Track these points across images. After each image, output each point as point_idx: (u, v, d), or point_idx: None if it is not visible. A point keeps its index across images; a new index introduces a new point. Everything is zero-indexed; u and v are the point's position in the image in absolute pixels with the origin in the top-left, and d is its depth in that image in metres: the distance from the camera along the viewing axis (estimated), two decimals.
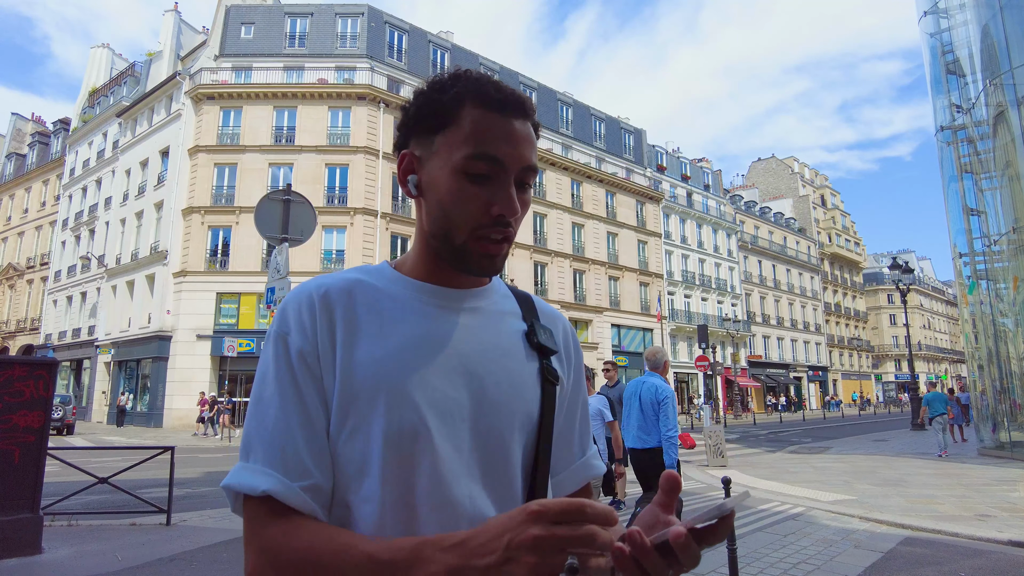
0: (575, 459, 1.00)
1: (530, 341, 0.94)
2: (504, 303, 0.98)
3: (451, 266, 0.90)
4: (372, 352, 0.82)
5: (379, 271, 0.93)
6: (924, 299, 78.64)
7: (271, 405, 0.80)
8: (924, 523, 7.31)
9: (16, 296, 40.98)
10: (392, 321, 0.86)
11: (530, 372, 0.91)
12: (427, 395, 0.81)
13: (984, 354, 16.99)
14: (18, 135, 47.94)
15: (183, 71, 30.39)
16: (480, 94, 0.88)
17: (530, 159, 0.88)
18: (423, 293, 0.90)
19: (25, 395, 5.83)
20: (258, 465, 0.77)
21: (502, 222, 0.86)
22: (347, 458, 0.80)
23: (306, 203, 7.70)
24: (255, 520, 0.76)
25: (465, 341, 0.88)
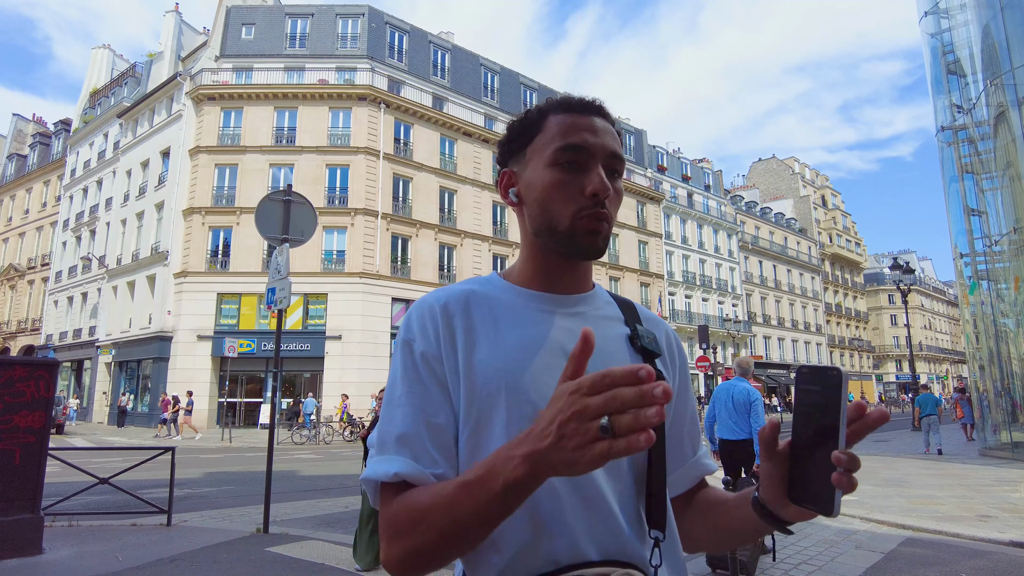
0: (687, 458, 1.06)
1: (633, 344, 1.00)
2: (607, 308, 1.04)
3: (561, 255, 0.97)
4: (490, 354, 0.90)
5: (490, 281, 1.01)
6: (925, 299, 78.59)
7: (400, 405, 0.88)
8: (925, 524, 7.31)
9: (17, 297, 41.01)
10: (506, 326, 0.93)
11: None
12: (541, 392, 0.87)
13: (985, 354, 16.98)
14: (19, 136, 47.99)
15: (184, 72, 30.41)
16: (561, 103, 1.00)
17: (613, 147, 0.96)
18: (531, 300, 0.97)
19: (26, 395, 5.83)
20: (389, 455, 0.85)
21: (598, 202, 0.93)
22: (472, 453, 0.87)
23: (307, 204, 7.71)
24: (387, 501, 0.84)
25: (572, 343, 0.91)
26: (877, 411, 0.70)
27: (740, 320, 47.86)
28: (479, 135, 33.39)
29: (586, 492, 0.86)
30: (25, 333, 38.68)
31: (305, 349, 26.43)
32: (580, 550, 0.84)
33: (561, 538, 0.84)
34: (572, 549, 0.84)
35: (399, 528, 0.80)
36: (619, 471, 0.90)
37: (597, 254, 0.96)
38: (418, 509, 0.79)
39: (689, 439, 1.07)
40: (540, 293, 0.98)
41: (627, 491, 0.90)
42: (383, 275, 28.07)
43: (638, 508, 0.91)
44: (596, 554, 0.85)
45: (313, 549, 6.05)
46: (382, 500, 0.85)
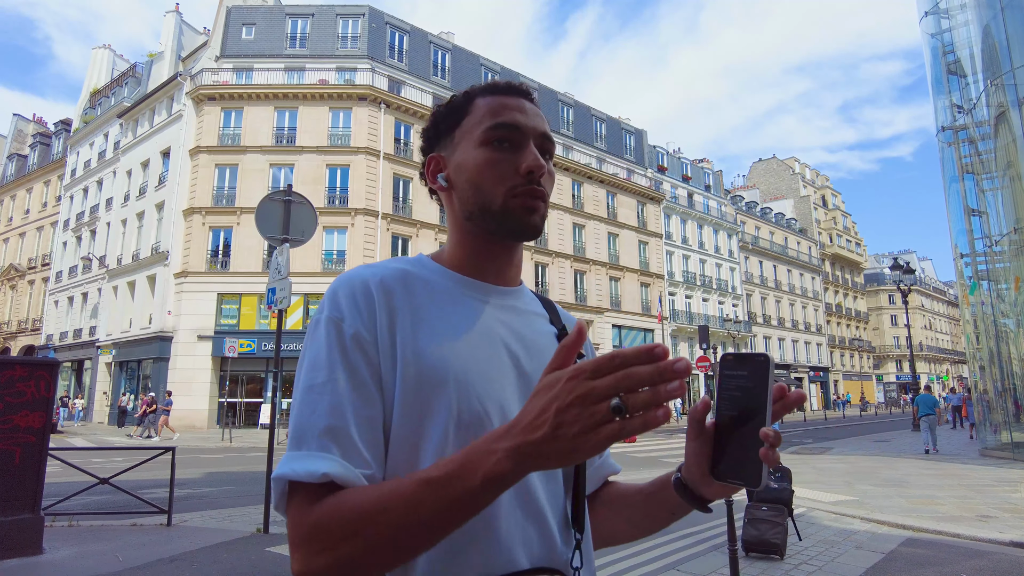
0: (594, 460, 1.04)
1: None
2: (533, 304, 1.01)
3: (495, 237, 0.93)
4: (436, 341, 0.83)
5: (420, 263, 0.94)
6: (925, 300, 78.57)
7: (324, 393, 0.77)
8: (925, 524, 7.31)
9: (17, 297, 41.02)
10: (447, 312, 0.87)
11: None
12: (488, 388, 0.84)
13: (986, 355, 16.99)
14: (19, 136, 48.00)
15: (184, 72, 30.41)
16: (487, 86, 0.97)
17: (544, 128, 0.94)
18: (467, 287, 0.92)
19: (26, 395, 5.83)
20: (313, 452, 0.73)
21: (533, 179, 0.90)
22: (409, 449, 0.80)
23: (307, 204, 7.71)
24: (308, 505, 0.71)
25: (512, 339, 0.91)
26: (796, 392, 0.72)
27: (740, 320, 47.86)
28: None
29: (523, 496, 0.82)
30: (25, 333, 38.69)
31: None
32: (512, 558, 0.79)
33: (493, 545, 0.78)
34: (503, 557, 0.79)
35: (331, 536, 0.68)
36: (554, 472, 0.88)
37: (534, 233, 0.92)
38: (362, 512, 0.67)
39: None
40: (472, 280, 0.93)
41: (558, 492, 0.88)
42: None
43: (566, 509, 0.89)
44: (527, 561, 0.80)
45: None
46: (298, 504, 0.72)
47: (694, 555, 6.03)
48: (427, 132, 1.00)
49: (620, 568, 5.63)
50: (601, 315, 37.70)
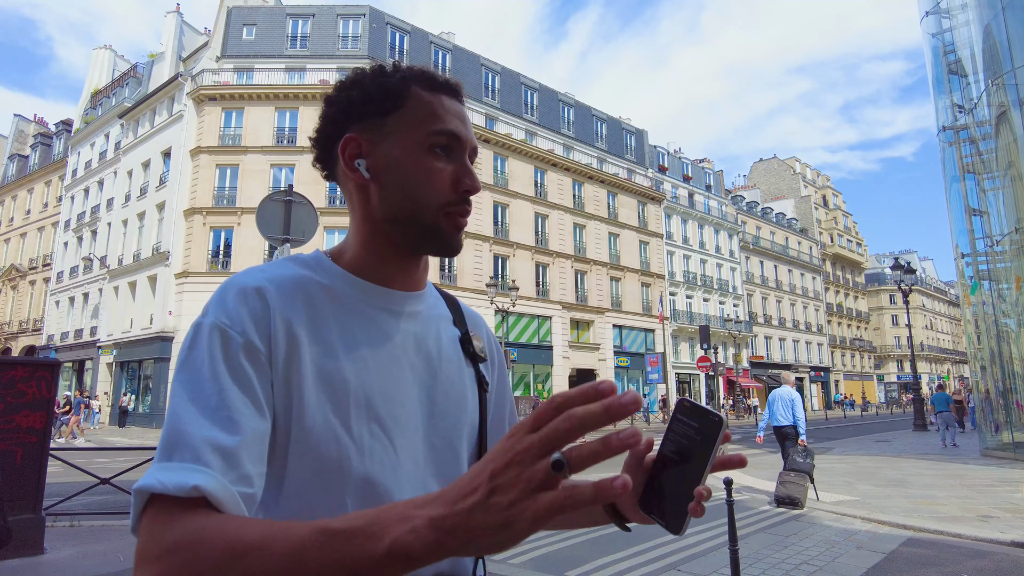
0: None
1: (465, 349, 0.94)
2: (438, 306, 0.96)
3: (415, 248, 0.87)
4: (336, 362, 0.77)
5: (319, 264, 0.86)
6: (926, 300, 78.51)
7: (206, 401, 0.68)
8: (926, 524, 7.30)
9: (18, 297, 41.04)
10: (350, 329, 0.81)
11: (468, 380, 0.92)
12: (389, 409, 0.80)
13: (987, 355, 16.97)
14: (20, 136, 48.04)
15: (185, 72, 30.43)
16: (426, 78, 0.89)
17: (475, 141, 0.90)
18: (370, 295, 0.85)
19: (27, 396, 5.84)
20: (186, 463, 0.63)
21: (466, 200, 0.86)
22: (302, 467, 0.74)
23: (308, 204, 7.71)
24: (168, 519, 0.60)
25: (414, 351, 0.86)
26: (736, 457, 0.70)
27: (741, 320, 47.84)
28: (480, 135, 33.36)
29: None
30: (26, 333, 38.71)
31: None
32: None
33: None
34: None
35: (197, 563, 0.55)
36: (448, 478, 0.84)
37: (456, 252, 0.88)
38: (238, 545, 0.55)
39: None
40: (376, 287, 0.86)
41: None
42: None
43: None
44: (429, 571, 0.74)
45: None
46: (158, 518, 0.60)
47: (695, 555, 6.03)
48: (347, 102, 0.89)
49: (620, 568, 5.63)
50: (602, 315, 37.69)
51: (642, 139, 45.46)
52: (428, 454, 0.84)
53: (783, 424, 9.67)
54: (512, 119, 36.33)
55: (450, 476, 0.84)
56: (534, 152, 35.76)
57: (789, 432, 9.57)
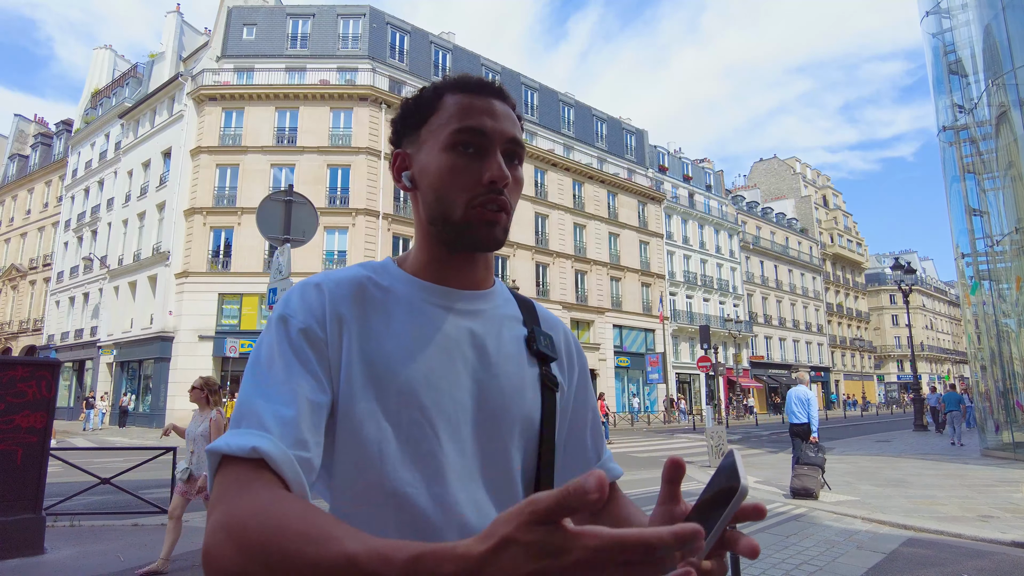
0: (591, 464, 1.01)
1: (530, 347, 0.94)
2: (506, 307, 0.97)
3: (456, 246, 0.90)
4: (381, 350, 0.82)
5: (384, 268, 0.92)
6: (926, 300, 78.50)
7: (268, 381, 0.76)
8: (927, 524, 7.30)
9: (19, 297, 41.05)
10: (399, 320, 0.86)
11: (530, 378, 0.92)
12: (434, 397, 0.82)
13: (987, 355, 16.96)
14: (21, 136, 48.05)
15: (185, 72, 30.43)
16: (457, 81, 0.93)
17: (513, 132, 0.90)
18: (428, 293, 0.90)
19: (28, 396, 5.84)
20: (251, 429, 0.71)
21: (495, 189, 0.87)
22: (354, 446, 0.80)
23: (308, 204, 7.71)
24: (230, 484, 0.66)
25: (468, 345, 0.88)
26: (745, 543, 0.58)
27: (741, 320, 47.83)
28: None
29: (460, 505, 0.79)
30: (27, 333, 38.73)
31: None
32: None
33: None
34: None
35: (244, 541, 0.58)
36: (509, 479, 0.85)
37: (494, 246, 0.89)
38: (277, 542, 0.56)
39: (592, 444, 1.01)
40: (435, 286, 0.90)
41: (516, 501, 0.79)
42: None
43: None
44: None
45: None
46: (228, 478, 0.67)
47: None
48: (395, 124, 0.97)
49: None
50: (602, 315, 37.69)
51: (642, 139, 45.45)
52: (476, 445, 0.85)
53: (799, 421, 10.18)
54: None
55: (496, 470, 0.85)
56: (534, 152, 35.76)
57: (803, 429, 10.06)
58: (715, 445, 12.85)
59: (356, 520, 0.78)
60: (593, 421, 1.03)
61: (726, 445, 13.14)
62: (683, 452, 17.08)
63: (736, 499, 0.58)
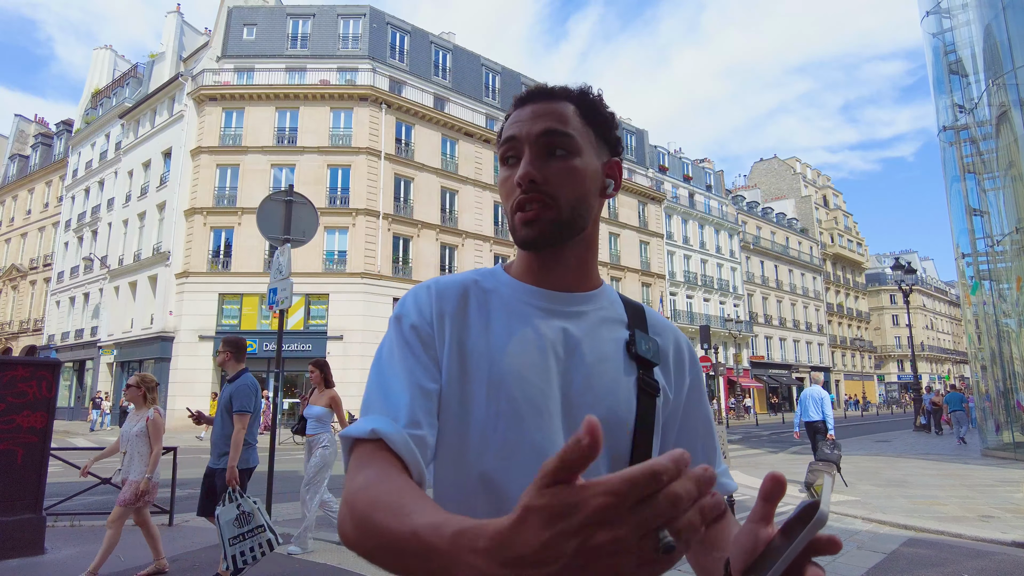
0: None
1: (629, 350, 0.95)
2: (610, 310, 0.99)
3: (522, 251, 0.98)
4: (477, 345, 0.89)
5: (492, 273, 1.00)
6: (927, 300, 78.48)
7: (385, 372, 0.87)
8: (927, 524, 7.29)
9: (19, 297, 41.06)
10: (498, 320, 0.92)
11: (626, 381, 0.93)
12: (524, 390, 0.86)
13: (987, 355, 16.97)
14: (21, 136, 48.07)
15: (185, 72, 30.43)
16: (516, 100, 0.98)
17: (545, 125, 0.92)
18: (528, 295, 0.95)
19: (28, 396, 5.84)
20: (372, 415, 0.82)
21: (528, 189, 0.91)
22: (445, 435, 0.87)
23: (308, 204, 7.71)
24: (354, 463, 0.78)
25: (561, 344, 0.91)
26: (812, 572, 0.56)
27: (741, 320, 47.83)
28: (480, 135, 33.39)
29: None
30: (27, 333, 38.73)
31: (306, 349, 26.43)
32: None
33: None
34: None
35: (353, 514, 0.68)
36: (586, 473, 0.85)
37: (532, 246, 0.92)
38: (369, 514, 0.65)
39: (704, 455, 1.00)
40: (536, 288, 0.95)
41: None
42: (384, 275, 28.08)
43: None
44: None
45: (314, 548, 6.05)
46: (354, 459, 0.79)
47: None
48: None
49: None
50: None
51: (642, 139, 45.44)
52: (563, 440, 0.86)
53: (814, 419, 10.73)
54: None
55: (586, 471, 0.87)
56: None
57: (819, 426, 10.61)
58: None
59: (451, 503, 0.86)
60: (705, 432, 1.01)
61: (726, 445, 13.12)
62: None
63: (811, 525, 0.54)
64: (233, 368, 5.28)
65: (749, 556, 0.64)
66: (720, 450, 1.04)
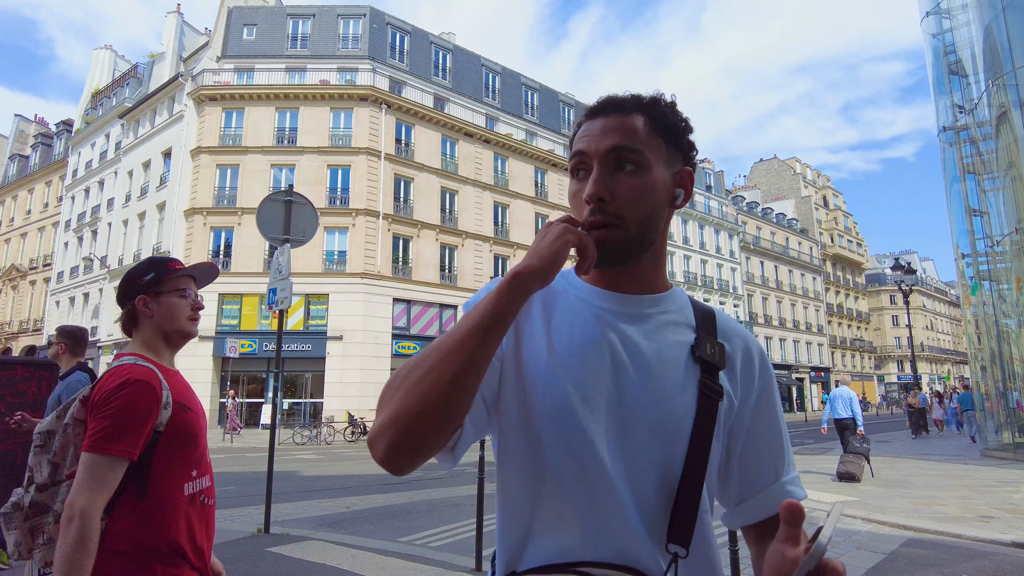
0: (766, 483, 0.97)
1: (693, 354, 0.95)
2: (678, 313, 1.00)
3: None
4: (537, 342, 0.93)
5: (564, 275, 1.02)
6: (927, 300, 78.46)
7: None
8: (927, 524, 7.29)
9: (19, 297, 41.06)
10: (559, 318, 0.95)
11: (689, 384, 0.93)
12: (575, 387, 0.89)
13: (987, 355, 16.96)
14: (21, 136, 48.07)
15: (185, 72, 30.44)
16: (585, 111, 1.00)
17: (614, 141, 0.93)
18: (593, 296, 0.97)
19: (27, 396, 5.83)
20: None
21: (594, 206, 0.92)
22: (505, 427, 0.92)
23: (308, 204, 7.71)
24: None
25: (620, 345, 0.93)
26: None
27: (742, 321, 47.83)
28: (480, 136, 33.39)
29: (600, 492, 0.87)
30: (27, 333, 38.72)
31: (306, 350, 26.43)
32: (594, 547, 0.85)
33: (576, 531, 0.86)
34: (586, 544, 0.85)
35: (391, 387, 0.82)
36: (647, 477, 0.88)
37: (608, 262, 0.93)
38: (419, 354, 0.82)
39: (770, 462, 0.98)
40: (602, 291, 0.98)
41: (655, 500, 0.88)
42: (384, 275, 28.07)
43: (664, 520, 0.88)
44: (611, 555, 0.85)
45: (314, 549, 6.05)
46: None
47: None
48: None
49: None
50: None
51: None
52: (617, 434, 0.89)
53: (843, 416, 11.59)
54: (512, 119, 36.33)
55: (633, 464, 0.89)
56: (534, 152, 35.77)
57: (848, 423, 11.50)
58: None
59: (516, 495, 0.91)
60: (773, 438, 0.99)
61: None
62: None
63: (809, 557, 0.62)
64: (67, 363, 4.80)
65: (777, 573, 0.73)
66: (790, 459, 1.01)
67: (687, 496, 0.88)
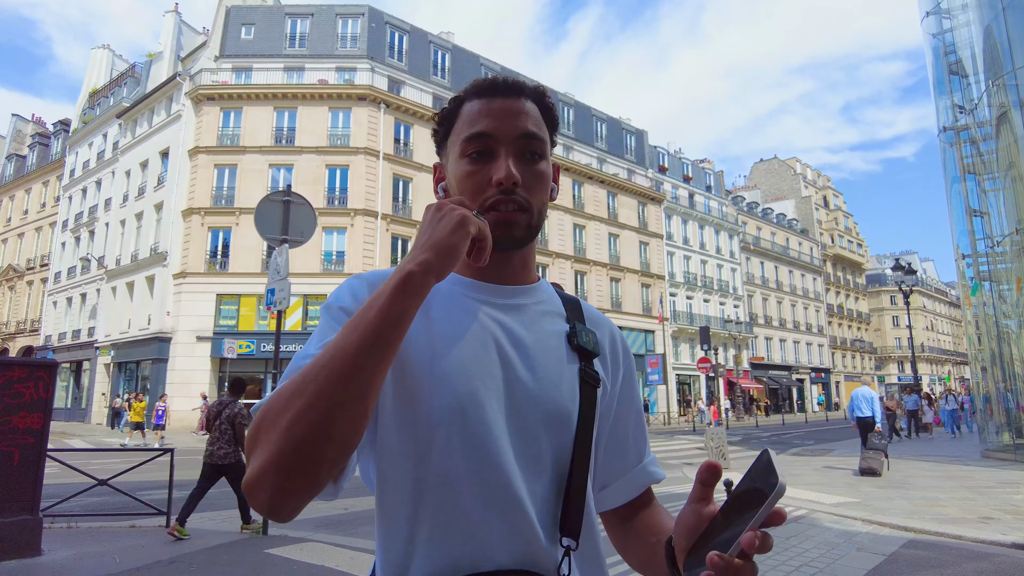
0: (631, 466, 1.01)
1: (570, 342, 0.95)
2: (549, 304, 0.99)
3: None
4: (418, 340, 0.86)
5: None
6: (927, 301, 78.54)
7: (313, 344, 0.83)
8: (927, 526, 7.27)
9: (16, 297, 41.00)
10: (438, 312, 0.90)
11: (569, 373, 0.93)
12: (467, 384, 0.84)
13: (988, 356, 16.95)
14: (18, 136, 47.99)
15: (183, 72, 30.40)
16: (473, 88, 0.96)
17: (525, 127, 0.92)
18: (467, 288, 0.94)
19: (25, 396, 5.80)
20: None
21: (505, 190, 0.89)
22: (387, 432, 0.84)
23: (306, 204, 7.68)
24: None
25: (504, 336, 0.90)
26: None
27: (741, 321, 47.82)
28: None
29: (498, 493, 0.82)
30: (24, 334, 38.66)
31: None
32: (488, 555, 0.80)
33: (467, 540, 0.80)
34: (478, 553, 0.80)
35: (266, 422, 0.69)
36: (539, 471, 0.86)
37: (514, 244, 0.92)
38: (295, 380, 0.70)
39: (634, 445, 1.02)
40: (475, 281, 0.94)
41: (547, 494, 0.86)
42: None
43: (556, 513, 0.86)
44: (507, 560, 0.81)
45: (312, 551, 6.02)
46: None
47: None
48: (433, 137, 1.02)
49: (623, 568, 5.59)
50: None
51: (642, 139, 45.45)
52: (508, 429, 0.86)
53: (865, 415, 12.59)
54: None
55: (527, 453, 0.86)
56: None
57: (869, 421, 12.42)
58: (715, 447, 12.82)
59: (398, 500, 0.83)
60: (636, 422, 1.04)
61: (726, 447, 13.11)
62: (682, 454, 17.07)
63: (773, 496, 0.59)
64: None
65: (693, 533, 0.71)
66: (648, 439, 1.06)
67: (576, 486, 0.88)
